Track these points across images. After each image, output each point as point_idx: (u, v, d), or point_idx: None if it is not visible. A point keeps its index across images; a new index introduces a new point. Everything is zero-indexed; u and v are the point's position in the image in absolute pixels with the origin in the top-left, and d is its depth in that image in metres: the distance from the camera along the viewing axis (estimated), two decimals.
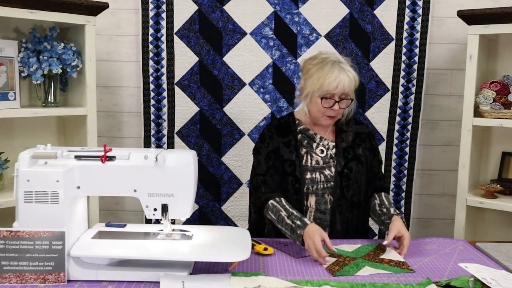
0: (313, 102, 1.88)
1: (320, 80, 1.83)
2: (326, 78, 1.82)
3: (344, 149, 1.94)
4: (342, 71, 1.83)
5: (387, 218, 1.82)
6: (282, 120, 2.03)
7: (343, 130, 1.98)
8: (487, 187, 2.41)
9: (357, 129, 2.00)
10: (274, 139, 1.95)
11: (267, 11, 2.67)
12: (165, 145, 2.74)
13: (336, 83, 1.81)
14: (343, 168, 1.90)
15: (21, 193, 1.40)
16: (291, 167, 1.90)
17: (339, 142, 1.95)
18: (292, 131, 1.96)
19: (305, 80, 1.91)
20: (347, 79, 1.83)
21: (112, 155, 1.48)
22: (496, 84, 2.39)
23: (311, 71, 1.88)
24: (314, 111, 1.89)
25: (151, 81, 2.69)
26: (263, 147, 1.95)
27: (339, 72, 1.83)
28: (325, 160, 1.92)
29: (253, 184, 1.96)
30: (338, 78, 1.82)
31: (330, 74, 1.82)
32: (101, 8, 2.31)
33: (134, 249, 1.44)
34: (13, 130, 2.37)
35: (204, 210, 2.77)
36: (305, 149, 1.93)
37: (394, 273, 1.51)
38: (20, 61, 2.22)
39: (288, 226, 1.74)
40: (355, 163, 1.93)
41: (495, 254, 1.69)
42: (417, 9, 2.69)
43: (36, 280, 1.38)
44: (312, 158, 1.92)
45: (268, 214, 1.84)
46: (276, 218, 1.79)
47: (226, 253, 1.45)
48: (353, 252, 1.68)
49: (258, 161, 1.95)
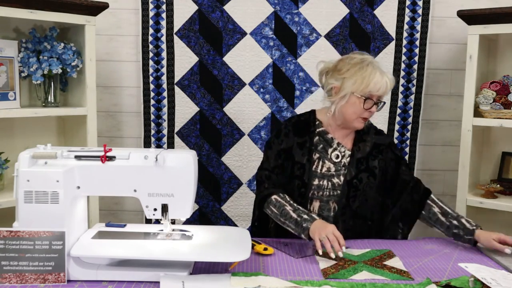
0: (350, 103, 1.83)
1: (365, 80, 1.79)
2: (370, 79, 1.79)
3: (359, 159, 1.89)
4: (383, 73, 1.83)
5: (465, 233, 1.77)
6: (302, 117, 1.97)
7: (361, 139, 1.93)
8: (487, 187, 2.41)
9: (376, 140, 1.95)
10: (289, 137, 1.91)
11: (267, 11, 2.67)
12: (165, 145, 2.74)
13: (380, 84, 1.80)
14: (353, 178, 1.87)
15: (21, 193, 1.40)
16: (300, 170, 1.87)
17: (355, 150, 1.90)
18: (310, 132, 1.91)
19: (343, 79, 1.84)
20: (389, 81, 1.83)
21: (112, 155, 1.47)
22: (496, 84, 2.39)
23: (350, 71, 1.83)
24: (349, 112, 1.84)
25: (151, 81, 2.69)
26: (276, 143, 1.92)
27: (381, 74, 1.81)
28: (337, 168, 1.88)
29: (257, 178, 1.94)
30: (382, 79, 1.80)
31: (373, 76, 1.80)
32: (101, 8, 2.31)
33: (134, 249, 1.44)
34: (13, 130, 2.37)
35: (204, 210, 2.77)
36: (319, 154, 1.89)
37: (391, 280, 1.47)
38: (20, 61, 2.22)
39: (292, 220, 1.72)
40: (366, 175, 1.88)
41: (495, 254, 1.69)
42: (417, 9, 2.69)
43: (36, 280, 1.38)
44: (324, 164, 1.88)
45: (269, 209, 1.82)
46: (279, 213, 1.77)
47: (226, 253, 1.45)
48: (358, 256, 1.65)
49: (268, 156, 1.92)
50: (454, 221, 1.81)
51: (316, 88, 2.72)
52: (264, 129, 2.74)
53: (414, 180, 1.95)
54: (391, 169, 1.94)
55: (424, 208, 1.89)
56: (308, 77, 2.72)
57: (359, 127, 1.88)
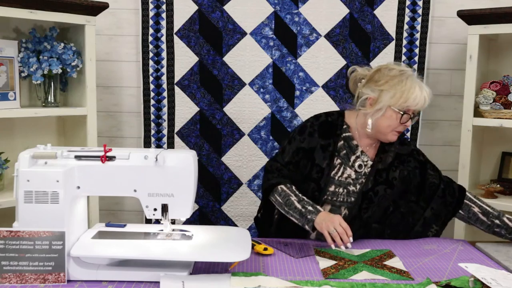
0: (386, 116, 1.78)
1: (404, 95, 1.74)
2: (410, 93, 1.74)
3: (378, 170, 1.85)
4: (422, 87, 1.78)
5: (508, 232, 1.78)
6: (330, 118, 1.90)
7: (385, 149, 1.88)
8: (487, 187, 2.41)
9: (398, 150, 1.90)
10: (313, 138, 1.85)
11: (267, 11, 2.67)
12: (165, 145, 2.74)
13: (419, 99, 1.76)
14: (369, 190, 1.83)
15: (21, 193, 1.40)
16: (318, 174, 1.82)
17: (376, 161, 1.87)
18: (336, 135, 1.86)
19: (380, 91, 1.78)
20: (427, 97, 1.79)
21: (112, 155, 1.47)
22: (496, 84, 2.39)
23: (389, 83, 1.77)
24: (384, 125, 1.79)
25: (151, 81, 2.69)
26: (298, 140, 1.86)
27: (420, 88, 1.77)
28: (357, 176, 1.84)
29: (266, 167, 1.89)
30: (421, 95, 1.76)
31: (413, 90, 1.75)
32: (101, 8, 2.31)
33: (134, 249, 1.44)
34: (13, 130, 2.38)
35: (204, 210, 2.77)
36: (340, 160, 1.84)
37: (391, 280, 1.47)
38: (20, 61, 2.22)
39: (297, 210, 1.72)
40: (383, 187, 1.84)
41: (495, 254, 1.69)
42: (417, 9, 2.69)
43: (36, 280, 1.38)
44: (344, 171, 1.84)
45: (273, 197, 1.80)
46: (284, 202, 1.76)
47: (226, 253, 1.45)
48: (358, 256, 1.65)
49: (285, 149, 1.87)
50: (496, 220, 1.80)
51: (316, 88, 2.72)
52: (264, 129, 2.74)
53: (445, 181, 1.91)
54: (416, 177, 1.90)
55: (463, 209, 1.86)
56: (308, 77, 2.72)
57: (393, 140, 1.84)
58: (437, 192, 1.89)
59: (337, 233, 1.62)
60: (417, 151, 1.96)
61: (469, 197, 1.87)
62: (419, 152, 1.96)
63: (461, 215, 1.88)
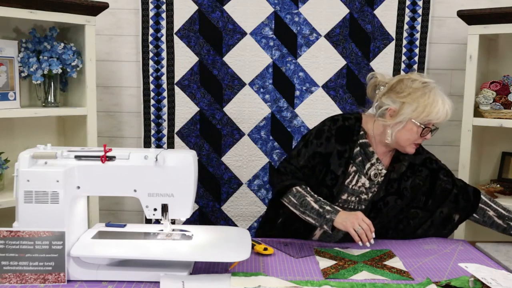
0: (407, 129, 1.73)
1: (427, 109, 1.70)
2: (432, 108, 1.70)
3: (390, 180, 1.83)
4: (444, 101, 1.73)
5: None
6: (347, 122, 1.84)
7: (399, 159, 1.85)
8: (487, 187, 2.41)
9: (411, 159, 1.86)
10: (330, 143, 1.80)
11: (267, 11, 2.67)
12: (165, 145, 2.74)
13: (440, 114, 1.72)
14: (379, 200, 1.82)
15: (21, 193, 1.40)
16: (332, 181, 1.79)
17: (390, 170, 1.83)
18: (352, 141, 1.81)
19: (402, 104, 1.73)
20: (449, 110, 1.74)
21: (112, 155, 1.47)
22: (496, 84, 2.39)
23: (412, 96, 1.72)
24: (404, 138, 1.75)
25: (151, 81, 2.69)
26: (315, 144, 1.81)
27: (442, 102, 1.72)
28: (371, 185, 1.82)
29: (279, 169, 1.84)
30: (444, 109, 1.72)
31: (436, 104, 1.70)
32: (101, 8, 2.31)
33: (134, 249, 1.44)
34: (13, 130, 2.37)
35: (204, 210, 2.77)
36: (355, 168, 1.81)
37: (391, 280, 1.47)
38: (20, 61, 2.22)
39: (314, 211, 1.69)
40: (394, 198, 1.82)
41: (495, 254, 1.69)
42: (417, 9, 2.69)
43: (36, 280, 1.38)
44: (359, 179, 1.81)
45: (287, 198, 1.76)
46: (299, 203, 1.72)
47: (226, 253, 1.45)
48: (358, 257, 1.65)
49: (300, 152, 1.82)
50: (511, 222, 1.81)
51: (316, 88, 2.72)
52: (264, 129, 2.74)
53: (459, 185, 1.89)
54: (426, 185, 1.88)
55: (477, 213, 1.85)
56: (308, 77, 2.72)
57: (411, 152, 1.80)
58: (449, 197, 1.87)
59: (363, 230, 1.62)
60: (430, 160, 1.91)
61: (484, 200, 1.85)
62: (432, 160, 1.91)
63: (476, 219, 1.87)
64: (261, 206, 2.77)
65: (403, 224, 1.89)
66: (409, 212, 1.89)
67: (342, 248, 1.73)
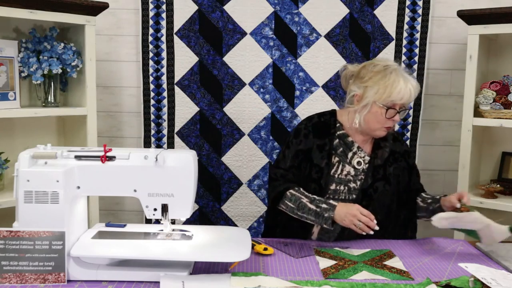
0: (372, 112, 1.79)
1: (387, 89, 1.74)
2: (393, 88, 1.74)
3: (376, 167, 1.87)
4: (407, 80, 1.76)
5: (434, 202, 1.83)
6: (322, 118, 1.92)
7: (380, 145, 1.90)
8: (487, 187, 2.41)
9: (393, 147, 1.92)
10: (308, 139, 1.86)
11: (267, 11, 2.67)
12: (165, 145, 2.74)
13: (402, 93, 1.74)
14: (369, 187, 1.84)
15: (21, 193, 1.40)
16: (317, 174, 1.83)
17: (373, 158, 1.88)
18: (330, 134, 1.87)
19: (365, 88, 1.79)
20: (413, 89, 1.77)
21: (112, 155, 1.47)
22: (496, 84, 2.39)
23: (373, 79, 1.78)
24: (372, 121, 1.80)
25: (151, 81, 2.69)
26: (295, 143, 1.87)
27: (404, 82, 1.75)
28: (356, 173, 1.85)
29: (271, 176, 1.90)
30: (405, 88, 1.75)
31: (396, 84, 1.74)
32: (101, 8, 2.31)
33: (134, 249, 1.44)
34: (13, 130, 2.37)
35: (204, 210, 2.77)
36: (338, 158, 1.85)
37: (391, 280, 1.47)
38: (20, 61, 2.22)
39: (311, 212, 1.72)
40: (382, 183, 1.86)
41: (495, 254, 1.69)
42: (417, 9, 2.69)
43: (36, 280, 1.38)
44: (343, 168, 1.85)
45: (284, 204, 1.79)
46: (296, 206, 1.75)
47: (226, 253, 1.45)
48: (358, 256, 1.65)
49: (285, 155, 1.88)
50: (429, 200, 1.87)
51: (316, 88, 2.72)
52: (264, 129, 2.74)
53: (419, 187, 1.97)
54: (404, 178, 1.92)
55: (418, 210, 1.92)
56: (308, 77, 2.72)
57: (381, 135, 1.85)
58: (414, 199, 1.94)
59: (363, 223, 1.64)
60: (409, 153, 1.98)
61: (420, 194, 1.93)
62: (410, 154, 1.99)
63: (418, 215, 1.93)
64: (261, 206, 2.77)
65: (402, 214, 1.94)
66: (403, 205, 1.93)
67: (342, 248, 1.73)
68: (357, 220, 1.65)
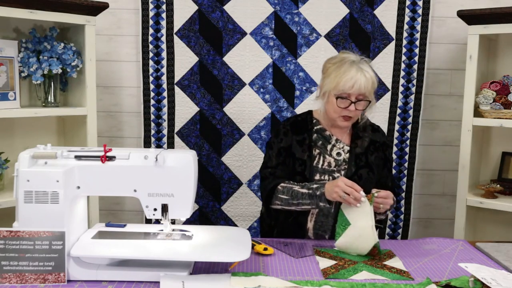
0: (329, 102, 1.87)
1: (337, 78, 1.81)
2: (342, 77, 1.80)
3: (357, 155, 1.92)
4: (359, 70, 1.81)
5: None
6: (299, 117, 2.01)
7: (359, 135, 1.96)
8: (487, 187, 2.41)
9: (372, 137, 1.98)
10: (288, 136, 1.94)
11: (267, 11, 2.67)
12: (165, 145, 2.74)
13: (352, 82, 1.79)
14: (353, 175, 1.89)
15: (21, 193, 1.40)
16: (301, 166, 1.89)
17: (353, 147, 1.93)
18: (308, 130, 1.95)
19: (323, 79, 1.90)
20: (364, 79, 1.80)
21: (112, 155, 1.48)
22: (496, 84, 2.39)
23: (329, 70, 1.87)
24: (330, 111, 1.88)
25: (151, 81, 2.69)
26: (276, 143, 1.95)
27: (356, 71, 1.80)
28: (337, 163, 1.91)
29: (261, 176, 1.97)
30: (355, 77, 1.79)
31: (347, 73, 1.80)
32: (101, 8, 2.31)
33: (134, 249, 1.44)
34: (13, 130, 2.37)
35: (204, 210, 2.77)
36: (319, 150, 1.92)
37: (391, 280, 1.47)
38: (20, 61, 2.22)
39: (305, 195, 1.78)
40: (366, 170, 1.92)
41: (495, 254, 1.69)
42: (417, 9, 2.69)
43: (36, 280, 1.38)
44: (324, 159, 1.91)
45: (277, 199, 1.85)
46: (290, 196, 1.81)
47: (226, 253, 1.45)
48: (358, 257, 1.65)
49: (270, 155, 1.96)
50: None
51: (316, 88, 2.72)
52: (264, 129, 2.74)
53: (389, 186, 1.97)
54: (379, 168, 1.98)
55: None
56: (308, 77, 2.72)
57: (342, 125, 1.90)
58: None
59: (348, 195, 1.66)
60: (387, 146, 2.03)
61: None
62: (387, 147, 2.04)
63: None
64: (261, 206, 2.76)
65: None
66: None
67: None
68: (342, 192, 1.68)
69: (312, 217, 1.88)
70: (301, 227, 1.89)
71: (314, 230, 1.89)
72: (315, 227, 1.89)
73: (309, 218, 1.88)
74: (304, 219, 1.88)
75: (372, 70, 1.86)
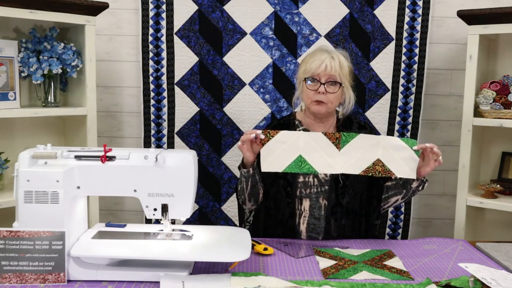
0: (303, 90, 1.89)
1: (307, 64, 1.86)
2: (311, 59, 1.85)
3: None
4: (328, 53, 1.86)
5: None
6: (281, 120, 2.03)
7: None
8: (487, 187, 2.41)
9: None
10: None
11: (267, 11, 2.67)
12: (165, 145, 2.74)
13: (318, 62, 1.82)
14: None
15: (21, 193, 1.40)
16: None
17: None
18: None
19: (298, 70, 1.95)
20: (332, 60, 1.83)
21: (112, 155, 1.48)
22: (496, 84, 2.39)
23: (303, 60, 1.92)
24: (305, 98, 1.90)
25: (151, 81, 2.69)
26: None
27: (324, 53, 1.86)
28: None
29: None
30: (322, 58, 1.83)
31: (316, 56, 1.85)
32: (101, 8, 2.31)
33: (134, 249, 1.44)
34: (13, 130, 2.38)
35: (204, 210, 2.77)
36: None
37: (391, 280, 1.47)
38: (20, 61, 2.22)
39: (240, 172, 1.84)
40: None
41: (495, 254, 1.69)
42: (417, 9, 2.69)
43: (36, 280, 1.38)
44: None
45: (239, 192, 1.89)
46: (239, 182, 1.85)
47: (226, 253, 1.45)
48: (358, 256, 1.65)
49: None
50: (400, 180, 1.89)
51: None
52: None
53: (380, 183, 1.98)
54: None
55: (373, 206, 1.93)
56: None
57: (317, 111, 1.88)
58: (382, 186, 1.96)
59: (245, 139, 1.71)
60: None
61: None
62: None
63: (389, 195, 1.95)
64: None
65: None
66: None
67: (342, 248, 1.73)
68: (240, 142, 1.72)
69: (304, 219, 1.88)
70: (292, 230, 1.89)
71: (307, 233, 1.89)
72: (308, 230, 1.89)
73: (302, 220, 1.88)
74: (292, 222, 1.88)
75: (345, 58, 1.89)
